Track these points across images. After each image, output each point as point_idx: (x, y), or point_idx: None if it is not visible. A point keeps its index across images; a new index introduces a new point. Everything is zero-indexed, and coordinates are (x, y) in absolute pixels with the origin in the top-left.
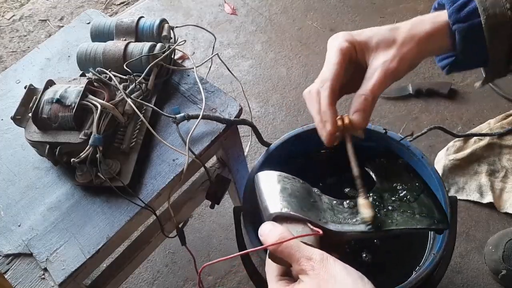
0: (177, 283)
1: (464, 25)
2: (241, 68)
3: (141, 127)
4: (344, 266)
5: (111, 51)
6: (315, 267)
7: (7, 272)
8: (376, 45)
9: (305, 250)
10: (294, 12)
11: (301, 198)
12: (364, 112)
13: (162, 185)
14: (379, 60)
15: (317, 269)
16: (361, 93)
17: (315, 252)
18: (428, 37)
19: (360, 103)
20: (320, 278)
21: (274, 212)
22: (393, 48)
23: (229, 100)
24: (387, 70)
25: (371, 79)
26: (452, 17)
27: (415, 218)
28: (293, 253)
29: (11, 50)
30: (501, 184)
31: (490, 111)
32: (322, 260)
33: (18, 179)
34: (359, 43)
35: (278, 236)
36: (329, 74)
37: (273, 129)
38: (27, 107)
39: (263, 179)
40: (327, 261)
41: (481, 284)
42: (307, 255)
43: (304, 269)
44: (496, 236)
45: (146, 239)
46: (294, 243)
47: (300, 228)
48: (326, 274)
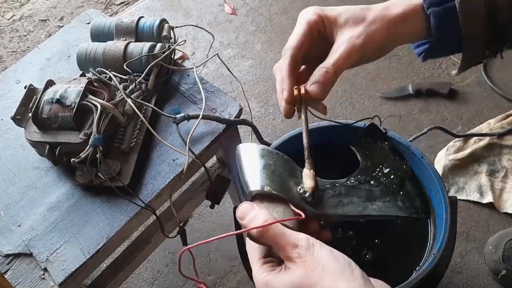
0: (177, 283)
1: (439, 9)
2: (241, 68)
3: (141, 127)
4: (331, 252)
5: (111, 51)
6: (302, 254)
7: (7, 272)
8: (345, 21)
9: (290, 237)
10: (294, 12)
11: (285, 176)
12: (323, 84)
13: (162, 185)
14: (345, 36)
15: (304, 256)
16: (322, 66)
17: (301, 238)
18: (400, 19)
19: (320, 75)
20: (307, 267)
21: (255, 189)
22: (361, 26)
23: (229, 100)
24: (352, 46)
25: (335, 53)
26: (426, 0)
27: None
28: (278, 240)
29: (11, 50)
30: (501, 184)
31: (490, 111)
32: (309, 247)
33: (18, 179)
34: (328, 18)
35: (262, 222)
36: (291, 43)
37: (273, 129)
38: (27, 107)
39: (245, 152)
40: (314, 248)
41: (481, 284)
42: (292, 242)
43: (290, 256)
44: (496, 236)
45: (146, 239)
46: (278, 229)
47: (282, 209)
48: (313, 262)
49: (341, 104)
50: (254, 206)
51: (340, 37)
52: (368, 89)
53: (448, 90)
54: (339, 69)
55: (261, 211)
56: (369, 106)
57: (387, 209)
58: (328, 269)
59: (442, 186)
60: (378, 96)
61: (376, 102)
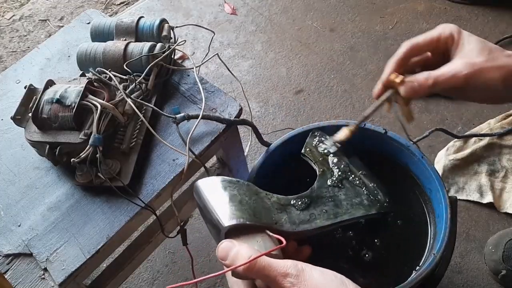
0: (177, 283)
1: None
2: (241, 68)
3: (141, 127)
4: (322, 272)
5: (111, 51)
6: (294, 282)
7: (7, 272)
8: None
9: (278, 267)
10: (294, 12)
11: (252, 203)
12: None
13: (162, 185)
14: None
15: (297, 284)
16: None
17: (289, 266)
18: None
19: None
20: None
21: (229, 224)
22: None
23: (229, 100)
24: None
25: (443, 69)
26: None
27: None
28: (267, 273)
29: (11, 50)
30: (501, 184)
31: (490, 111)
32: (299, 274)
33: (18, 179)
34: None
35: (246, 258)
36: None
37: (273, 129)
38: (27, 107)
39: (206, 187)
40: (304, 273)
41: (481, 284)
42: (282, 272)
43: (283, 286)
44: (496, 236)
45: (146, 239)
46: (265, 262)
47: (260, 238)
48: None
49: (341, 104)
50: (234, 243)
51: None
52: (368, 89)
53: None
54: (438, 83)
55: (242, 247)
56: (369, 106)
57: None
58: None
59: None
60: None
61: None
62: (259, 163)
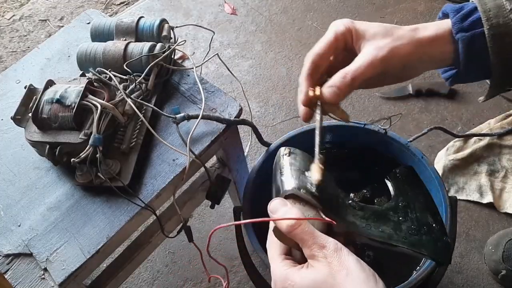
0: (177, 283)
1: (467, 34)
2: (241, 68)
3: (141, 127)
4: (358, 260)
5: (111, 51)
6: (328, 255)
7: (7, 272)
8: (373, 34)
9: (319, 237)
10: (294, 12)
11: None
12: (338, 88)
13: (162, 185)
14: (370, 46)
15: (330, 257)
16: (342, 71)
17: (330, 241)
18: (428, 41)
19: (337, 79)
20: (332, 267)
21: (290, 189)
22: (387, 39)
23: (229, 100)
24: (375, 57)
25: (357, 61)
26: (455, 26)
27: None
28: (307, 238)
29: (11, 50)
30: (501, 184)
31: (490, 111)
32: (336, 250)
33: (18, 179)
34: (357, 30)
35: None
36: (314, 49)
37: (273, 129)
38: (27, 107)
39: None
40: (341, 252)
41: (481, 284)
42: (320, 243)
43: (316, 255)
44: (496, 236)
45: (146, 239)
46: (309, 229)
47: (312, 214)
48: (338, 264)
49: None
50: (287, 203)
51: (365, 48)
52: (368, 89)
53: (448, 90)
54: (357, 77)
55: (293, 209)
56: (369, 106)
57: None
58: (353, 274)
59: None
60: (378, 96)
61: (376, 102)
62: (259, 163)
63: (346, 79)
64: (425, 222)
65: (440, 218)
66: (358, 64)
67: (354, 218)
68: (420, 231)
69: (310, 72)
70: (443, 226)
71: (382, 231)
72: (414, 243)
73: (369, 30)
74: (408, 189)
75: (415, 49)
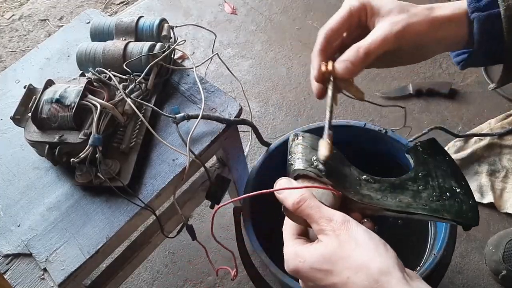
0: (176, 283)
1: (483, 14)
2: (241, 68)
3: (140, 127)
4: (367, 231)
5: (110, 50)
6: (336, 228)
7: (7, 272)
8: (388, 11)
9: (326, 211)
10: (294, 12)
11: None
12: (351, 63)
13: (162, 185)
14: (385, 22)
15: (338, 230)
16: (355, 45)
17: (336, 214)
18: (444, 20)
19: (350, 54)
20: (340, 239)
21: (298, 168)
22: (403, 15)
23: (229, 100)
24: (390, 31)
25: (371, 36)
26: (471, 5)
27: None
28: (313, 213)
29: (10, 49)
30: (501, 184)
31: (490, 111)
32: (344, 222)
33: (18, 179)
34: (372, 6)
35: (299, 195)
36: (327, 25)
37: (273, 129)
38: (26, 107)
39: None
40: (349, 223)
41: (481, 285)
42: (327, 216)
43: (323, 229)
44: (496, 236)
45: (146, 239)
46: (315, 204)
47: (321, 190)
48: (347, 236)
49: (341, 104)
50: (293, 182)
51: (380, 23)
52: (368, 89)
53: (449, 90)
54: (371, 51)
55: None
56: (369, 106)
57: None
58: (362, 244)
59: None
60: (378, 96)
61: (377, 102)
62: (259, 163)
63: (360, 53)
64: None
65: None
66: (372, 39)
67: (369, 191)
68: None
69: (322, 48)
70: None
71: (399, 200)
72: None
73: (384, 7)
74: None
75: (430, 27)
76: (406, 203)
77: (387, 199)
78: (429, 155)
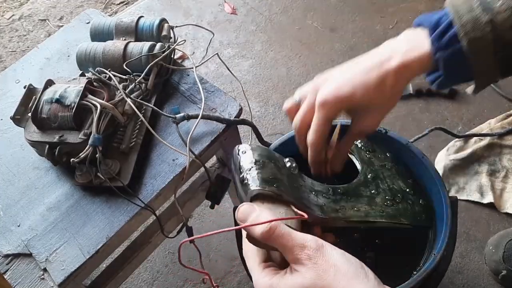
0: (176, 283)
1: (447, 52)
2: (241, 68)
3: (140, 127)
4: (343, 253)
5: (110, 50)
6: (311, 255)
7: (7, 273)
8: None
9: (297, 238)
10: (294, 12)
11: (285, 178)
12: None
13: (162, 185)
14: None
15: (314, 257)
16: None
17: (309, 239)
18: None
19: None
20: (318, 268)
21: (256, 189)
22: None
23: (229, 100)
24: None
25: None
26: (434, 44)
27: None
28: (285, 242)
29: (10, 49)
30: (501, 184)
31: (490, 111)
32: (318, 248)
33: (18, 179)
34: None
35: (267, 223)
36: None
37: (273, 129)
38: (26, 107)
39: (242, 152)
40: (324, 249)
41: (482, 285)
42: (300, 243)
43: (299, 258)
44: (496, 236)
45: (146, 239)
46: (285, 231)
47: (284, 210)
48: (324, 263)
49: None
50: (255, 207)
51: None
52: None
53: (449, 90)
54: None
55: (264, 212)
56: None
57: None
58: (341, 270)
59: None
60: None
61: None
62: None
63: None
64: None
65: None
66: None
67: (326, 202)
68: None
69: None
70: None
71: (357, 209)
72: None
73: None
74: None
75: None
76: (364, 211)
77: (345, 210)
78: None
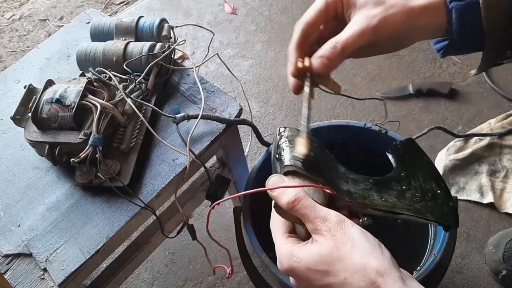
0: (176, 283)
1: (462, 3)
2: (241, 68)
3: (141, 127)
4: (363, 231)
5: (110, 50)
6: (331, 228)
7: (7, 272)
8: (364, 3)
9: (320, 211)
10: (294, 12)
11: (321, 161)
12: (327, 59)
13: (162, 185)
14: (361, 16)
15: (334, 230)
16: (332, 40)
17: (332, 213)
18: (421, 10)
19: (327, 49)
20: (336, 240)
21: (288, 164)
22: (379, 8)
23: (229, 100)
24: (367, 25)
25: (347, 30)
26: None
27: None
28: (308, 212)
29: (10, 49)
30: (501, 184)
31: (490, 111)
32: (339, 222)
33: (18, 179)
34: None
35: (293, 194)
36: (303, 19)
37: (273, 129)
38: (26, 107)
39: (283, 131)
40: (345, 223)
41: (482, 285)
42: (322, 216)
43: (319, 229)
44: (496, 236)
45: (146, 239)
46: (309, 203)
47: (312, 188)
48: (343, 236)
49: (341, 104)
50: (285, 179)
51: (356, 16)
52: (368, 89)
53: (449, 90)
54: (348, 46)
55: (292, 183)
56: (369, 106)
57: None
58: (358, 245)
59: None
60: (378, 96)
61: (376, 102)
62: (259, 163)
63: (336, 49)
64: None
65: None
66: (349, 34)
67: (355, 189)
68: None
69: (299, 42)
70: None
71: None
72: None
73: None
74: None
75: (408, 18)
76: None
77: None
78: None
